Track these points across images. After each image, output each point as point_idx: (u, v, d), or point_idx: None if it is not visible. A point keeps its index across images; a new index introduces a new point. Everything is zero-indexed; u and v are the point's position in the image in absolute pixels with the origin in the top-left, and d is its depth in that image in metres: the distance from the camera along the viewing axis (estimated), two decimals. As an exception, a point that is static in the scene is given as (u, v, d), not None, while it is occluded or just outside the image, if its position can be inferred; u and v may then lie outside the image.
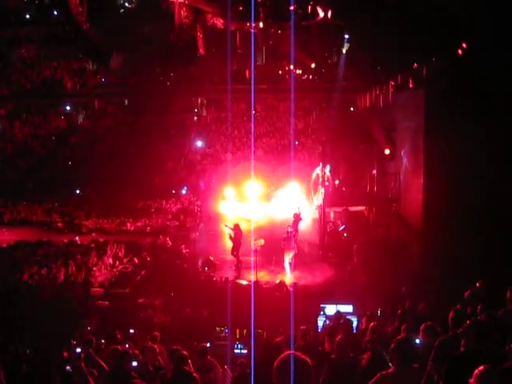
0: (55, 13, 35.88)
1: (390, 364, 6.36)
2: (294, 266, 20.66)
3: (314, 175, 26.96)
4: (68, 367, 5.93)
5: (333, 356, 7.66)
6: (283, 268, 20.77)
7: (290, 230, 21.00)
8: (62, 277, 20.56)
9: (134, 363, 7.02)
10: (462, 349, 6.17)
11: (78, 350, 7.81)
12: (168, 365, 7.25)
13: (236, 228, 21.36)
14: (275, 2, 30.42)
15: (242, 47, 34.59)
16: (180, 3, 33.35)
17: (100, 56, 35.15)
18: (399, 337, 6.38)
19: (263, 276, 20.27)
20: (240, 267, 21.00)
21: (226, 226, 22.10)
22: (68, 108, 39.08)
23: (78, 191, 32.49)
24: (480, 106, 16.20)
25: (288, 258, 20.61)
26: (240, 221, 22.97)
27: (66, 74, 38.31)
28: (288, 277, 20.13)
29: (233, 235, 21.17)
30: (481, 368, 4.64)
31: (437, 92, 19.04)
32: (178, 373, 6.18)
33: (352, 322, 11.06)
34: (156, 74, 35.75)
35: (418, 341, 7.47)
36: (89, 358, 7.92)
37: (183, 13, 33.49)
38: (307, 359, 3.80)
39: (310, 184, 27.58)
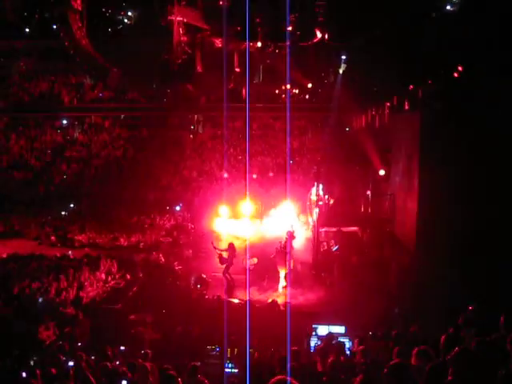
0: (54, 27, 35.98)
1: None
2: (289, 282, 20.62)
3: (311, 195, 26.96)
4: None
5: (324, 378, 7.62)
6: (276, 287, 20.72)
7: (282, 243, 21.09)
8: (53, 291, 20.43)
9: (124, 382, 6.95)
10: (449, 377, 6.10)
11: (71, 363, 7.77)
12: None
13: (230, 247, 21.34)
14: (273, 22, 30.60)
15: (240, 66, 34.76)
16: (179, 21, 33.52)
17: (98, 71, 35.24)
18: (392, 362, 6.31)
19: (256, 295, 20.19)
20: (233, 286, 20.92)
21: (213, 246, 22.00)
22: (64, 122, 39.10)
23: (72, 205, 32.41)
24: (475, 129, 16.29)
25: (283, 272, 20.62)
26: (233, 239, 22.91)
27: (64, 88, 38.41)
28: (281, 294, 20.07)
29: (224, 255, 21.17)
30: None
31: (432, 114, 19.11)
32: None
33: (344, 344, 11.02)
34: (153, 90, 35.85)
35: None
36: (79, 373, 7.85)
37: (182, 31, 33.67)
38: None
39: (307, 204, 27.58)
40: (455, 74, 18.67)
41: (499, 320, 8.54)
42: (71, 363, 7.72)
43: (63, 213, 31.60)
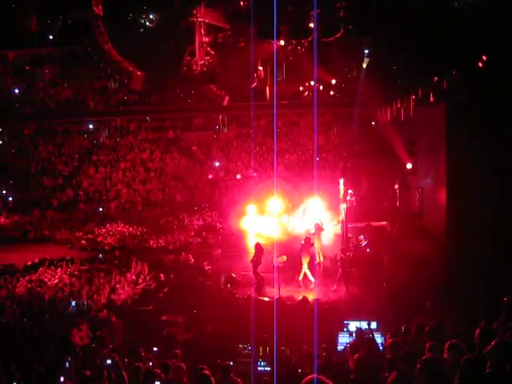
0: (77, 33, 36.31)
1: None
2: (318, 278, 20.61)
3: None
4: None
5: (352, 376, 7.58)
6: (306, 284, 20.69)
7: (308, 235, 21.12)
8: (85, 294, 20.65)
9: (157, 383, 7.00)
10: (488, 369, 6.05)
11: (109, 361, 7.86)
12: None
13: (257, 246, 21.36)
14: (295, 19, 30.51)
15: (262, 64, 34.72)
16: (200, 22, 33.59)
17: (121, 75, 35.49)
18: (425, 356, 6.25)
19: (286, 292, 20.17)
20: (262, 284, 20.93)
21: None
22: (91, 126, 39.48)
23: (100, 209, 32.72)
24: (501, 119, 16.08)
25: (305, 263, 20.62)
26: (259, 238, 22.92)
27: (89, 93, 38.79)
28: (311, 291, 20.02)
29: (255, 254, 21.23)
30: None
31: (458, 105, 18.93)
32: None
33: (374, 339, 10.96)
34: (177, 92, 36.00)
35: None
36: (113, 374, 7.92)
37: (203, 31, 33.74)
38: (329, 383, 3.76)
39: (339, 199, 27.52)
40: (480, 64, 18.43)
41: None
42: (105, 364, 7.80)
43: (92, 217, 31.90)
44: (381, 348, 11.59)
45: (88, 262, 24.48)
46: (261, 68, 35.08)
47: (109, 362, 7.81)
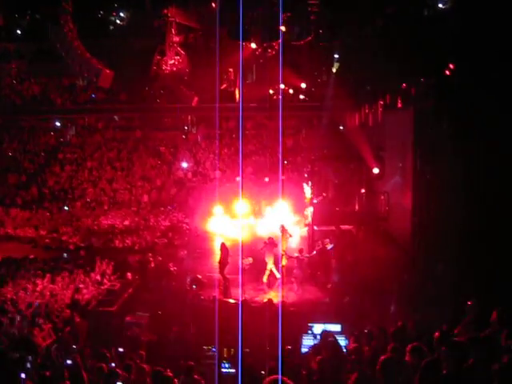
0: (46, 29, 35.83)
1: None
2: (282, 281, 20.69)
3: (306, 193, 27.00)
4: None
5: (314, 378, 7.62)
6: (272, 286, 20.74)
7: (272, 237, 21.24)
8: (48, 294, 20.40)
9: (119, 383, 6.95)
10: (444, 371, 6.13)
11: (69, 361, 7.78)
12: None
13: (223, 247, 21.35)
14: (265, 22, 30.58)
15: (232, 66, 34.71)
16: (171, 21, 33.48)
17: (90, 72, 35.15)
18: (384, 357, 6.33)
19: (252, 294, 20.18)
20: (228, 286, 20.90)
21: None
22: (58, 124, 39.02)
23: (66, 208, 32.33)
24: (467, 125, 16.32)
25: (270, 263, 20.71)
26: (225, 239, 22.90)
27: (56, 90, 38.33)
28: (276, 293, 20.05)
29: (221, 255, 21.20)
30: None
31: (425, 111, 19.16)
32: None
33: (337, 342, 11.00)
34: (146, 92, 35.81)
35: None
36: (74, 374, 7.84)
37: (174, 31, 33.62)
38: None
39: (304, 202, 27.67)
40: (447, 72, 18.71)
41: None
42: (66, 364, 7.72)
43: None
44: (344, 350, 11.65)
45: (52, 262, 24.17)
46: (231, 70, 35.11)
47: (69, 362, 7.72)
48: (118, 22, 38.65)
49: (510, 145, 15.19)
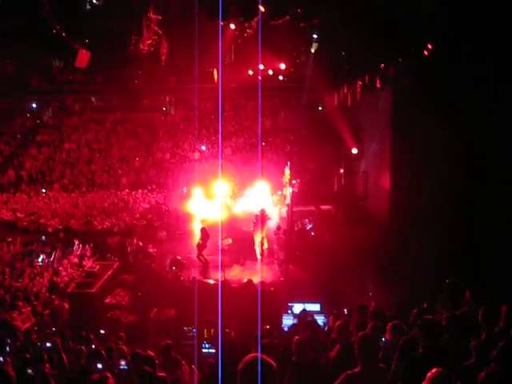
0: (22, 8, 35.21)
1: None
2: (263, 261, 20.80)
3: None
4: (29, 370, 5.84)
5: (293, 357, 7.69)
6: (252, 267, 20.83)
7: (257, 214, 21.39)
8: (27, 277, 20.32)
9: (99, 365, 6.96)
10: (420, 350, 6.23)
11: (48, 344, 7.77)
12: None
13: (203, 231, 21.38)
14: (244, 1, 30.36)
15: (211, 46, 34.47)
16: (149, 1, 33.10)
17: (66, 53, 34.71)
18: (361, 333, 6.42)
19: (231, 275, 20.25)
20: (207, 267, 20.97)
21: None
22: (34, 105, 38.57)
23: (43, 190, 32.07)
24: (445, 106, 16.41)
25: (258, 240, 20.84)
26: (203, 220, 22.91)
27: (32, 71, 37.79)
28: (256, 274, 20.15)
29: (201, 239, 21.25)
30: (433, 371, 4.71)
31: (403, 92, 19.23)
32: (141, 375, 6.14)
33: (317, 322, 11.12)
34: (124, 72, 35.47)
35: (383, 339, 7.55)
36: (54, 356, 7.83)
37: (151, 11, 33.25)
38: (271, 362, 3.80)
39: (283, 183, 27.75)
40: (425, 52, 18.74)
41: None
42: (46, 346, 7.72)
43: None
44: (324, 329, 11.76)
45: (30, 244, 24.03)
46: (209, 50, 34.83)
47: (49, 344, 7.71)
48: (94, 1, 38.13)
49: (488, 123, 15.33)
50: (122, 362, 6.44)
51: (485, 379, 5.09)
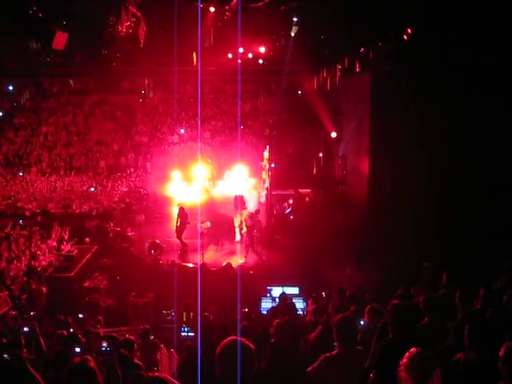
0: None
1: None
2: (243, 245, 20.85)
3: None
4: (5, 355, 5.80)
5: (272, 340, 7.73)
6: (231, 250, 20.86)
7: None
8: (4, 261, 20.17)
9: (77, 349, 6.94)
10: (390, 335, 6.27)
11: (26, 329, 7.72)
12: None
13: (181, 210, 21.34)
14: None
15: (191, 28, 34.22)
16: (127, -18, 32.72)
17: (43, 34, 34.28)
18: (339, 316, 6.46)
19: (210, 258, 20.26)
20: (186, 250, 20.97)
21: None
22: (10, 88, 38.05)
23: (21, 173, 31.77)
24: (424, 90, 16.49)
25: (237, 223, 20.90)
26: (183, 203, 22.84)
27: (8, 53, 37.23)
28: (235, 257, 20.20)
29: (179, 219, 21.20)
30: (411, 350, 4.74)
31: (382, 76, 19.28)
32: (119, 358, 6.15)
33: (295, 304, 11.16)
34: (102, 55, 35.10)
35: (362, 322, 7.60)
36: (31, 340, 7.80)
37: (129, -8, 32.92)
38: (250, 345, 3.81)
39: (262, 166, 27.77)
40: (405, 37, 18.79)
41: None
42: (23, 331, 7.66)
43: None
44: (301, 313, 11.83)
45: (7, 228, 23.82)
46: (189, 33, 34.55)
47: (26, 329, 7.65)
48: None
49: (467, 108, 15.43)
50: (104, 344, 6.41)
51: (461, 363, 5.16)
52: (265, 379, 6.13)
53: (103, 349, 6.39)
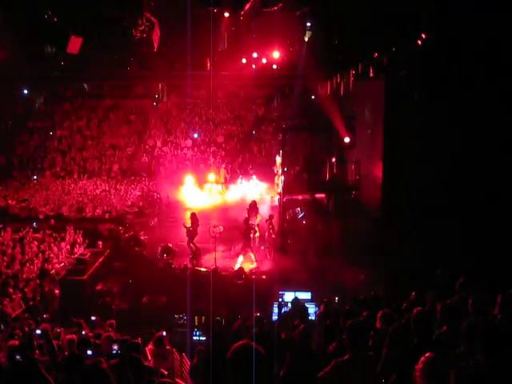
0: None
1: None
2: (255, 250, 20.82)
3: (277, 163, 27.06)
4: (18, 356, 5.83)
5: (296, 343, 7.72)
6: (243, 255, 20.84)
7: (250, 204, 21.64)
8: (18, 263, 20.26)
9: (89, 352, 6.96)
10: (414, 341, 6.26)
11: (38, 331, 7.76)
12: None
13: (193, 216, 21.35)
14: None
15: (205, 33, 34.32)
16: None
17: (58, 39, 34.46)
18: (351, 321, 6.42)
19: (222, 263, 20.25)
20: (199, 254, 20.96)
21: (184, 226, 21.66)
22: (25, 92, 38.28)
23: (35, 177, 31.95)
24: (437, 95, 16.42)
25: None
26: (198, 208, 22.89)
27: (24, 57, 37.47)
28: (248, 262, 20.17)
29: (188, 225, 21.20)
30: (427, 355, 4.73)
31: (396, 81, 19.21)
32: (130, 361, 6.14)
33: (307, 309, 11.15)
34: (116, 59, 35.26)
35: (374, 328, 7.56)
36: (44, 343, 7.83)
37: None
38: (260, 349, 3.79)
39: (275, 171, 27.76)
40: (419, 42, 18.74)
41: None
42: (35, 334, 7.71)
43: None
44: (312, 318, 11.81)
45: (21, 231, 23.94)
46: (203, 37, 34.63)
47: (38, 332, 7.70)
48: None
49: (483, 112, 15.32)
50: (115, 347, 6.43)
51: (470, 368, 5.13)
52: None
53: (114, 352, 6.41)
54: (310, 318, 11.25)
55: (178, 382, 9.47)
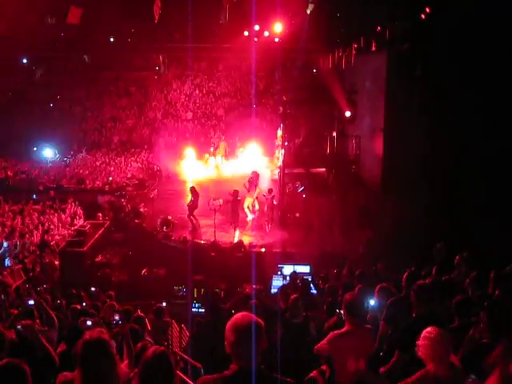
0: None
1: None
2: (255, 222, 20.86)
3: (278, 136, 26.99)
4: (18, 326, 5.86)
5: (286, 314, 7.76)
6: (243, 228, 20.88)
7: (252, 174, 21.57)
8: (18, 234, 20.31)
9: (89, 322, 6.99)
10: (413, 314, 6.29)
11: (31, 302, 7.78)
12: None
13: (192, 190, 21.35)
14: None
15: (206, 4, 34.00)
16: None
17: (58, 9, 34.13)
18: (348, 294, 6.46)
19: (222, 236, 20.28)
20: (198, 227, 21.00)
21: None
22: (25, 61, 37.99)
23: (34, 148, 31.88)
24: (439, 70, 16.34)
25: (249, 201, 20.86)
26: (198, 180, 22.87)
27: (23, 28, 37.15)
28: (247, 235, 20.24)
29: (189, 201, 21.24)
30: (429, 329, 4.77)
31: (398, 55, 19.11)
32: (131, 333, 6.19)
33: (309, 282, 11.20)
34: (116, 30, 35.00)
35: (372, 302, 7.59)
36: (42, 311, 7.86)
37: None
38: (259, 320, 3.81)
39: (275, 145, 27.73)
40: (422, 16, 18.60)
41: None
42: (28, 303, 7.73)
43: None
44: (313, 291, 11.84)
45: (21, 203, 23.97)
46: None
47: (31, 302, 7.72)
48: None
49: (484, 86, 15.26)
50: (116, 317, 6.46)
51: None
52: (277, 353, 6.14)
53: (115, 322, 6.44)
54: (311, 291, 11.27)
55: (177, 352, 9.54)
